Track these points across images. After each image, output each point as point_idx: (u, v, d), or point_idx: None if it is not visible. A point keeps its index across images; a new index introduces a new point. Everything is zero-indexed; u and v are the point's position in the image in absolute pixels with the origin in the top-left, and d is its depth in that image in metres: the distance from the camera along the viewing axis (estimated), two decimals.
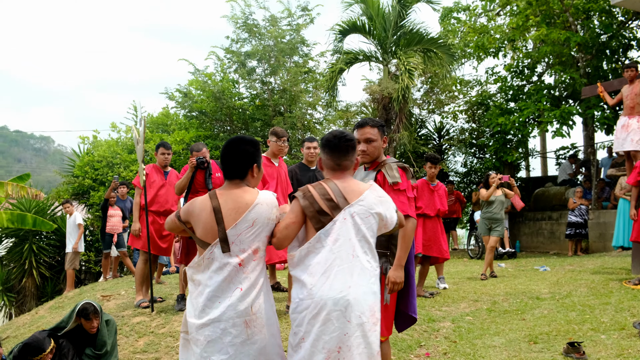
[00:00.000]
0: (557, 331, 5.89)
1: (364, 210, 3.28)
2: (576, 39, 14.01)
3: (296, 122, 16.24)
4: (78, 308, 5.63)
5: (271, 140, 6.85)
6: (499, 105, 16.45)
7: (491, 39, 16.34)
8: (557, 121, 14.74)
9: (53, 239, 15.14)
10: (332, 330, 3.12)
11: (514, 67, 17.14)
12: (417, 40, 16.26)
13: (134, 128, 8.03)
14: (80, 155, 17.42)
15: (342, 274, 3.19)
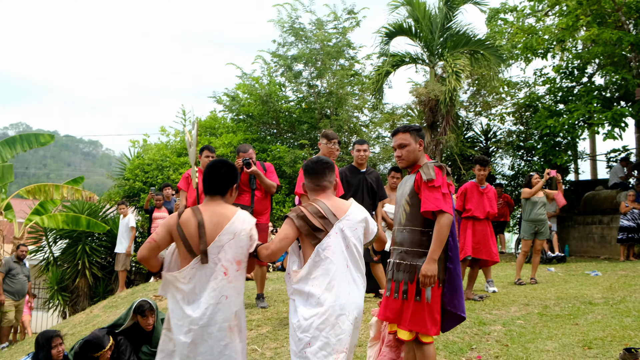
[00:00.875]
0: (612, 337, 5.78)
1: (351, 224, 3.80)
2: (629, 38, 13.69)
3: (342, 125, 16.31)
4: (135, 305, 5.83)
5: (322, 142, 6.94)
6: (548, 107, 16.16)
7: (539, 39, 16.09)
8: (609, 123, 14.39)
9: (105, 240, 15.51)
10: (339, 333, 3.57)
11: (563, 69, 16.85)
12: (464, 42, 16.17)
13: (186, 131, 8.18)
14: (131, 158, 17.82)
15: (343, 283, 3.68)
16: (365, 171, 7.64)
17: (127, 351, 5.69)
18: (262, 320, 6.82)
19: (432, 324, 4.07)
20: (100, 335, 5.63)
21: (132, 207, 16.37)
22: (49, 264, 15.60)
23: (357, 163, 7.61)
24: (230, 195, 3.89)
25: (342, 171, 7.55)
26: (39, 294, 17.37)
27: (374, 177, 7.70)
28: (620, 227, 13.40)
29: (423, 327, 4.09)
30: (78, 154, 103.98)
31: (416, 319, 4.10)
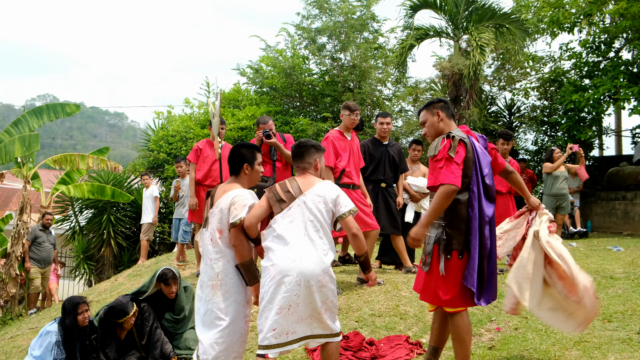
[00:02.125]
0: (633, 310, 5.82)
1: (313, 197, 4.14)
2: None
3: (365, 98, 16.27)
4: (158, 274, 5.97)
5: (344, 114, 6.99)
6: (573, 82, 15.97)
7: (566, 13, 15.87)
8: (635, 98, 14.24)
9: (129, 210, 15.78)
10: (284, 291, 3.94)
11: (589, 43, 16.59)
12: (489, 16, 15.97)
13: (209, 102, 8.25)
14: (155, 130, 18.00)
15: (296, 248, 4.01)
16: (387, 144, 7.70)
17: (150, 318, 5.81)
18: None
19: (444, 295, 4.10)
20: (124, 302, 5.75)
21: (156, 177, 16.60)
22: (75, 233, 15.93)
23: (380, 136, 7.68)
24: (245, 173, 4.45)
25: (364, 143, 7.61)
26: (66, 262, 17.74)
27: (396, 150, 7.75)
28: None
29: (434, 298, 4.18)
30: (104, 125, 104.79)
31: (427, 289, 4.23)
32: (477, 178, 4.06)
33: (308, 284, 3.96)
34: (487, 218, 4.06)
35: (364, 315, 5.99)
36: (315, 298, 3.98)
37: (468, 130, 4.28)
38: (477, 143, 4.18)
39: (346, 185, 6.75)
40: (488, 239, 4.07)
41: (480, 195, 4.05)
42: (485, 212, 4.05)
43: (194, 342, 5.89)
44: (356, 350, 5.13)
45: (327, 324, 4.07)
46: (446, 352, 4.96)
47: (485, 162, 4.13)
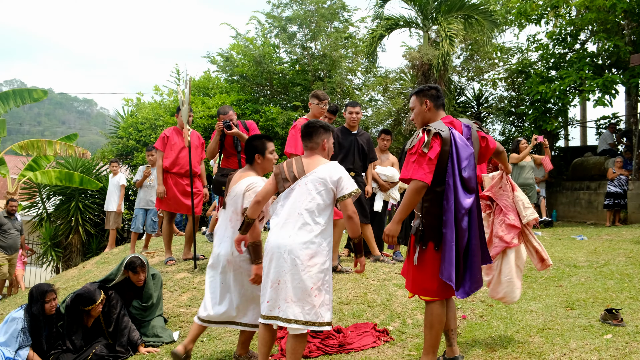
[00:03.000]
0: (595, 298, 5.95)
1: (315, 179, 4.21)
2: (622, 5, 13.69)
3: (335, 87, 16.33)
4: (126, 261, 5.91)
5: (312, 102, 6.95)
6: (540, 73, 16.20)
7: (534, 5, 16.06)
8: (599, 90, 14.45)
9: (98, 197, 15.63)
10: (274, 267, 4.13)
11: (556, 35, 16.81)
12: (458, 7, 16.12)
13: (179, 90, 8.21)
14: (125, 117, 17.86)
15: (289, 226, 4.17)
16: (356, 133, 7.74)
17: (117, 305, 5.78)
18: None
19: (414, 285, 4.20)
20: (91, 289, 5.70)
21: (126, 165, 16.47)
22: (42, 220, 15.74)
23: (349, 125, 7.71)
24: (257, 162, 4.74)
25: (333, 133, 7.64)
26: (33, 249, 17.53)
27: (365, 139, 7.79)
28: (607, 192, 13.64)
29: (412, 287, 4.26)
30: (73, 112, 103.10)
31: (407, 277, 4.33)
32: (454, 170, 4.03)
33: (294, 262, 4.08)
34: (464, 210, 4.03)
35: (336, 304, 6.02)
36: (302, 278, 4.07)
37: (452, 120, 4.24)
38: (457, 135, 4.12)
39: None
40: (466, 231, 4.05)
41: (457, 187, 4.02)
42: (462, 204, 4.02)
43: (161, 330, 5.89)
44: (324, 338, 5.16)
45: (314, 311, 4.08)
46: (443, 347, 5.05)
47: (465, 154, 4.09)
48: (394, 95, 18.48)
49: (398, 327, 5.49)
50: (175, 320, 6.18)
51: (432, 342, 4.15)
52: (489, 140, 4.41)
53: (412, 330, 5.39)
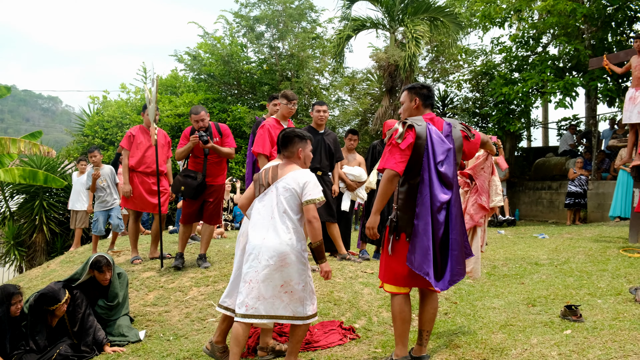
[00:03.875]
0: (555, 295, 6.06)
1: (284, 184, 4.42)
2: (582, 10, 14.04)
3: (303, 87, 16.39)
4: (92, 260, 5.85)
5: (281, 102, 6.99)
6: (503, 75, 16.50)
7: (497, 8, 16.34)
8: (560, 92, 14.85)
9: (62, 196, 15.39)
10: (248, 267, 4.34)
11: (519, 38, 17.14)
12: (424, 9, 16.32)
13: (146, 88, 8.17)
14: (90, 115, 17.67)
15: (262, 229, 4.38)
16: (323, 132, 7.78)
17: (82, 304, 5.71)
18: (219, 276, 7.01)
19: (384, 276, 4.33)
20: (56, 288, 5.60)
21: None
22: (5, 219, 15.45)
23: (316, 124, 7.75)
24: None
25: None
26: None
27: (332, 139, 7.85)
28: (568, 192, 13.97)
29: (380, 274, 4.41)
30: (37, 109, 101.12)
31: (379, 267, 4.45)
32: (429, 164, 4.09)
33: (267, 263, 4.27)
34: (439, 204, 4.08)
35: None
36: (274, 277, 4.28)
37: (432, 117, 4.30)
38: (434, 130, 4.17)
39: None
40: (442, 224, 4.11)
41: (432, 181, 4.08)
42: (438, 197, 4.08)
43: (127, 329, 5.85)
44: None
45: (293, 306, 4.32)
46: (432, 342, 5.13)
47: (442, 150, 4.13)
48: (361, 96, 18.63)
49: (364, 324, 5.53)
50: (141, 319, 6.15)
51: (397, 333, 4.29)
52: (476, 138, 4.51)
53: (378, 328, 5.45)
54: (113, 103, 17.39)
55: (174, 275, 7.17)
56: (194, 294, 6.59)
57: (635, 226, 8.99)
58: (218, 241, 9.77)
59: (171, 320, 6.03)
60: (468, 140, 4.42)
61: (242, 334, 4.34)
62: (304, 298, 4.36)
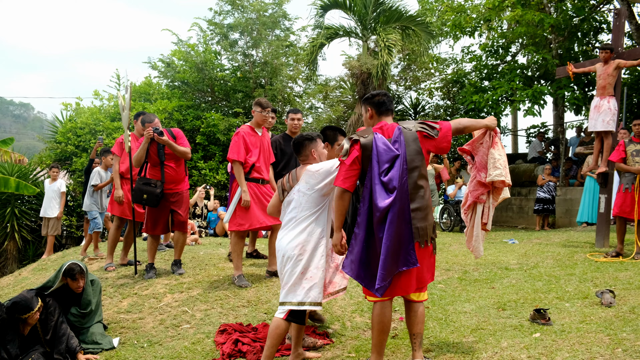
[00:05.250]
0: (525, 299, 6.15)
1: (302, 183, 4.57)
2: (550, 20, 14.34)
3: (276, 94, 16.45)
4: (65, 268, 5.79)
5: (256, 110, 7.03)
6: (474, 84, 16.76)
7: (468, 18, 16.59)
8: (529, 100, 15.11)
9: (35, 203, 15.29)
10: (278, 263, 4.67)
11: (489, 47, 17.43)
12: (396, 18, 16.51)
13: (119, 95, 8.18)
14: (63, 121, 17.54)
15: (285, 229, 4.63)
16: None
17: (55, 312, 5.64)
18: (193, 283, 7.04)
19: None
20: (28, 296, 5.51)
21: (64, 170, 16.18)
22: None
23: (291, 131, 7.80)
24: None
25: (276, 139, 7.74)
26: None
27: None
28: (537, 198, 14.22)
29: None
30: (8, 116, 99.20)
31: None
32: (373, 173, 4.11)
33: (283, 259, 4.57)
34: (379, 213, 4.06)
35: (273, 307, 6.11)
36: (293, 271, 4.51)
37: (381, 126, 4.31)
38: (380, 139, 4.18)
39: (255, 180, 6.90)
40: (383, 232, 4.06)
41: (374, 189, 4.09)
42: (378, 205, 4.05)
43: (101, 336, 5.81)
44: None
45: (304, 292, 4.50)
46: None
47: (386, 158, 4.12)
48: (334, 103, 18.77)
49: (338, 329, 5.58)
50: (115, 327, 6.12)
51: (373, 342, 4.28)
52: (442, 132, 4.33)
53: (351, 333, 5.49)
54: (86, 110, 17.28)
55: (148, 282, 7.18)
56: (168, 300, 6.60)
57: (601, 231, 9.19)
58: (192, 248, 9.79)
59: (145, 327, 6.01)
60: (430, 138, 4.30)
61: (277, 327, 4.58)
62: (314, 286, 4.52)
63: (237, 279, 6.84)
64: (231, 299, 6.40)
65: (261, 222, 6.81)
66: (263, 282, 6.91)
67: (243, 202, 6.66)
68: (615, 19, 9.53)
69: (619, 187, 8.65)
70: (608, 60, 9.01)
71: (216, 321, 5.86)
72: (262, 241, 10.02)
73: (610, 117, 8.97)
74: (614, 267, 7.45)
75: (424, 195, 4.22)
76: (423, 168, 4.24)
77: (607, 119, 9.00)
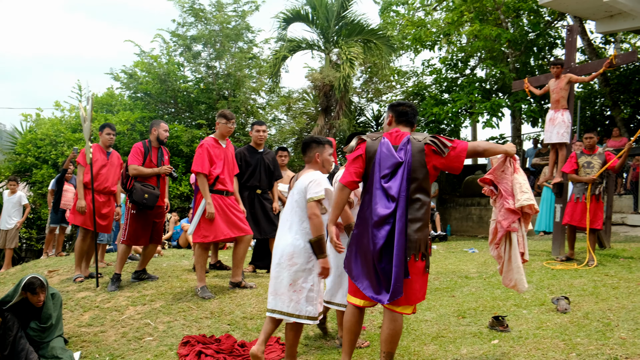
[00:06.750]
0: (484, 307, 6.25)
1: (297, 188, 4.65)
2: (506, 35, 14.70)
3: (240, 106, 16.50)
4: (24, 282, 5.65)
5: (220, 122, 7.06)
6: (434, 96, 16.97)
7: (428, 32, 16.88)
8: (488, 113, 15.36)
9: None
10: (272, 265, 4.66)
11: (448, 60, 17.72)
12: (358, 31, 16.76)
13: (81, 106, 8.16)
14: (23, 133, 17.27)
15: (281, 232, 4.71)
16: (262, 151, 7.90)
17: (14, 327, 5.53)
18: (156, 295, 6.99)
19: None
20: None
21: (24, 182, 15.93)
22: None
23: (256, 143, 7.87)
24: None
25: (240, 151, 7.79)
26: None
27: (271, 158, 7.99)
28: None
29: None
30: None
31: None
32: (374, 178, 4.13)
33: (279, 262, 4.58)
34: (377, 217, 4.02)
35: (236, 318, 6.13)
36: (283, 275, 4.54)
37: (393, 132, 4.27)
38: (386, 144, 4.17)
39: (220, 192, 6.91)
40: (382, 238, 4.00)
41: (374, 194, 4.08)
42: (377, 211, 4.03)
43: (61, 351, 5.66)
44: (228, 353, 5.22)
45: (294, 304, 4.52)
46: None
47: (388, 164, 4.09)
48: (297, 115, 18.88)
49: (301, 339, 5.51)
50: (76, 341, 6.00)
51: (344, 343, 4.33)
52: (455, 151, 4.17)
53: (315, 342, 5.51)
54: (47, 121, 17.03)
55: (110, 294, 7.11)
56: (130, 313, 6.54)
57: (557, 240, 9.37)
58: (155, 259, 9.75)
59: (107, 340, 5.92)
60: (438, 154, 4.14)
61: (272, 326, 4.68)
62: (313, 298, 4.53)
63: (200, 290, 6.86)
64: (194, 311, 6.39)
65: (225, 234, 6.80)
66: (226, 294, 6.91)
67: (207, 214, 6.69)
68: (567, 35, 9.81)
69: (570, 197, 8.94)
70: (560, 74, 9.28)
71: (179, 333, 5.83)
72: (226, 252, 10.03)
73: (564, 129, 9.20)
74: (569, 275, 7.64)
75: (421, 208, 4.09)
76: (425, 181, 4.12)
77: (562, 132, 9.23)
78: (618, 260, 8.55)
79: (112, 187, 8.17)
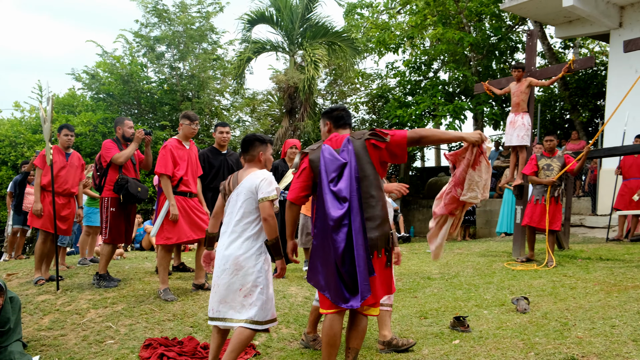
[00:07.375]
0: (445, 307, 6.34)
1: (242, 189, 4.49)
2: (469, 39, 14.93)
3: (204, 107, 16.42)
4: None
5: (184, 123, 7.01)
6: (398, 99, 17.15)
7: (392, 35, 17.05)
8: (450, 115, 15.61)
9: None
10: (215, 271, 4.49)
11: (412, 63, 17.92)
12: (322, 33, 16.84)
13: (40, 107, 8.04)
14: None
15: (225, 236, 4.49)
16: (226, 153, 7.88)
17: None
18: (118, 297, 6.91)
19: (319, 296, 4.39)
20: None
21: None
22: None
23: (219, 145, 7.84)
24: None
25: (204, 152, 7.75)
26: None
27: (234, 159, 7.94)
28: None
29: None
30: None
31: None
32: (322, 183, 4.09)
33: (224, 267, 4.39)
34: (332, 222, 4.00)
35: (199, 320, 6.11)
36: (232, 281, 4.37)
37: (332, 137, 4.30)
38: (327, 150, 4.17)
39: (183, 193, 6.88)
40: (342, 241, 3.98)
41: (325, 199, 4.05)
42: (331, 214, 4.00)
43: (20, 355, 5.50)
44: (191, 355, 5.20)
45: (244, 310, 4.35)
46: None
47: (333, 167, 4.09)
48: (262, 117, 18.90)
49: (264, 341, 5.58)
50: (35, 345, 5.89)
51: (323, 353, 4.21)
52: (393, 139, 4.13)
53: (278, 344, 5.52)
54: (6, 122, 16.70)
55: (71, 297, 6.98)
56: (91, 316, 6.45)
57: (518, 241, 9.54)
58: (117, 262, 9.65)
59: (67, 344, 5.83)
60: (379, 148, 4.14)
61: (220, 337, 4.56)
62: (264, 302, 4.36)
63: (163, 292, 6.81)
64: (157, 313, 6.35)
65: (188, 236, 6.77)
66: (189, 296, 6.88)
67: (171, 215, 6.66)
68: (528, 39, 9.99)
69: (530, 198, 9.10)
70: (520, 78, 9.44)
71: (141, 336, 5.78)
72: (189, 254, 9.98)
73: (524, 132, 9.36)
74: (529, 275, 7.76)
75: (376, 204, 4.09)
76: (375, 177, 4.13)
77: (522, 134, 9.38)
78: (576, 261, 8.71)
79: (72, 188, 8.02)
